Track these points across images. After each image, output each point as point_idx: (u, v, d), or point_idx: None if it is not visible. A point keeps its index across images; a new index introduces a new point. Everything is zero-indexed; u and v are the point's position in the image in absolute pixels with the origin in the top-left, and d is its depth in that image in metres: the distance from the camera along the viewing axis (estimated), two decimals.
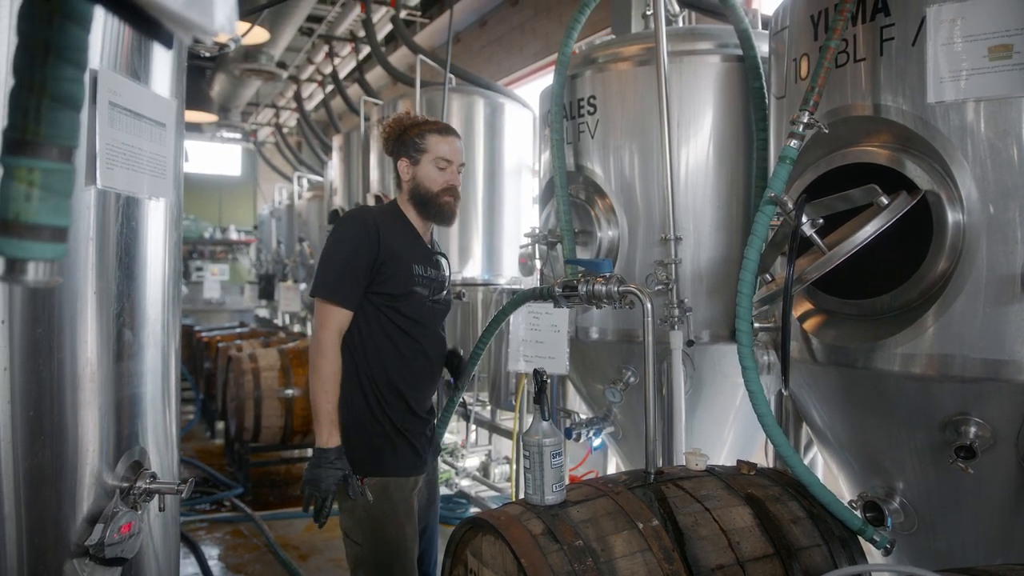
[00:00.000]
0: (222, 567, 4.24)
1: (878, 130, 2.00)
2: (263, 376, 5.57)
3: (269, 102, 12.75)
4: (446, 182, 2.52)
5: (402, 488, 2.43)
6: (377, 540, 2.38)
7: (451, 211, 2.56)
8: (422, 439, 2.54)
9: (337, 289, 2.37)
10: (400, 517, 2.41)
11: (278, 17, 7.03)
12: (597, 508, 1.95)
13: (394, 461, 2.43)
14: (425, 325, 2.52)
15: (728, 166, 2.92)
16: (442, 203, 2.53)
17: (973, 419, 1.85)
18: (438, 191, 2.52)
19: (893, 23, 1.93)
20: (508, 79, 7.82)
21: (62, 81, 0.61)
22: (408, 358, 2.48)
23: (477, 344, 2.92)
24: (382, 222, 2.46)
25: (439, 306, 2.60)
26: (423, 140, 2.51)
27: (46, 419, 1.31)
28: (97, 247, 1.40)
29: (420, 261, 2.51)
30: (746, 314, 2.09)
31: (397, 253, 2.43)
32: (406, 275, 2.44)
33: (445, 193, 2.52)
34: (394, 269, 2.42)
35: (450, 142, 2.55)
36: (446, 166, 2.52)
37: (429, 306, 2.54)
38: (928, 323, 1.88)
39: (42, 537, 1.31)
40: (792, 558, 1.91)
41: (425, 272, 2.52)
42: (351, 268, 2.37)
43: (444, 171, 2.52)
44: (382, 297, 2.42)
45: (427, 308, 2.53)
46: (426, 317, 2.53)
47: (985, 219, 1.81)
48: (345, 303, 2.37)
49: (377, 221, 2.44)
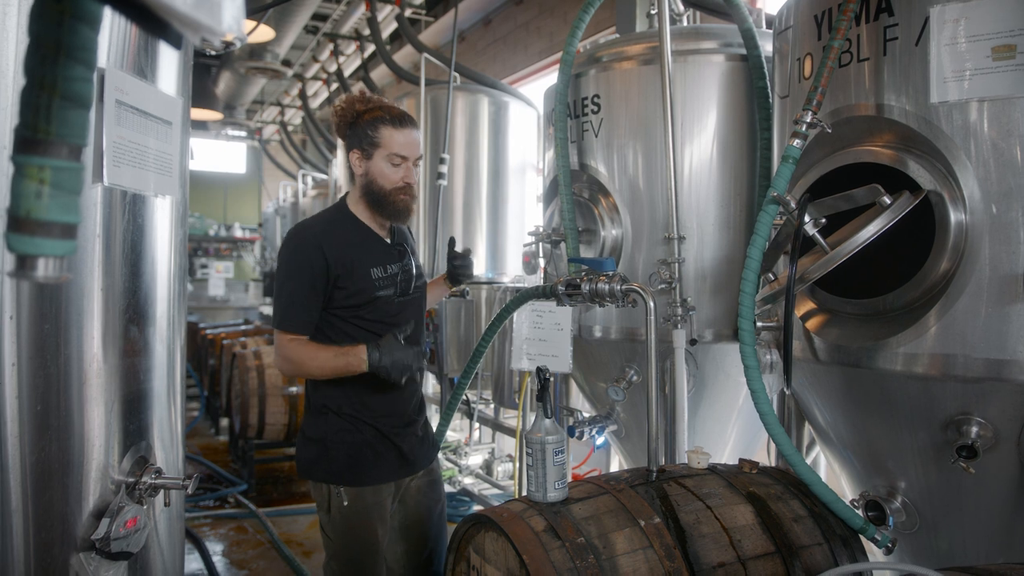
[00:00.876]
0: (226, 563, 4.26)
1: (881, 130, 2.01)
2: (267, 373, 5.59)
3: (274, 100, 12.78)
4: (401, 179, 2.35)
5: (378, 492, 2.39)
6: (349, 538, 2.38)
7: (406, 209, 2.39)
8: (411, 439, 2.46)
9: (286, 318, 2.29)
10: (372, 520, 2.38)
11: (283, 15, 7.05)
12: (599, 505, 1.96)
13: (375, 470, 2.37)
14: (395, 324, 2.38)
15: (731, 165, 2.92)
16: (396, 201, 2.37)
17: (975, 419, 1.86)
18: (391, 189, 2.36)
19: (897, 23, 1.94)
20: (512, 78, 7.83)
21: (72, 80, 0.62)
22: None
23: (480, 342, 2.93)
24: (325, 235, 2.32)
25: (410, 297, 2.48)
26: (376, 132, 2.32)
27: (53, 414, 1.33)
28: (104, 244, 1.41)
29: (378, 262, 2.38)
30: (749, 313, 2.09)
31: (350, 264, 2.30)
32: (365, 283, 2.33)
33: (400, 192, 2.36)
34: (350, 281, 2.31)
35: (406, 134, 2.35)
36: (401, 162, 2.34)
37: (398, 303, 2.43)
38: (930, 323, 1.89)
39: (49, 531, 1.33)
40: (793, 556, 1.92)
41: (386, 272, 2.39)
42: (298, 295, 2.28)
43: (399, 168, 2.35)
44: (344, 310, 2.33)
45: (395, 306, 2.42)
46: (396, 316, 2.41)
47: (988, 219, 1.81)
48: (298, 328, 2.29)
49: (319, 237, 2.31)
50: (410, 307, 2.49)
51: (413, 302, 2.51)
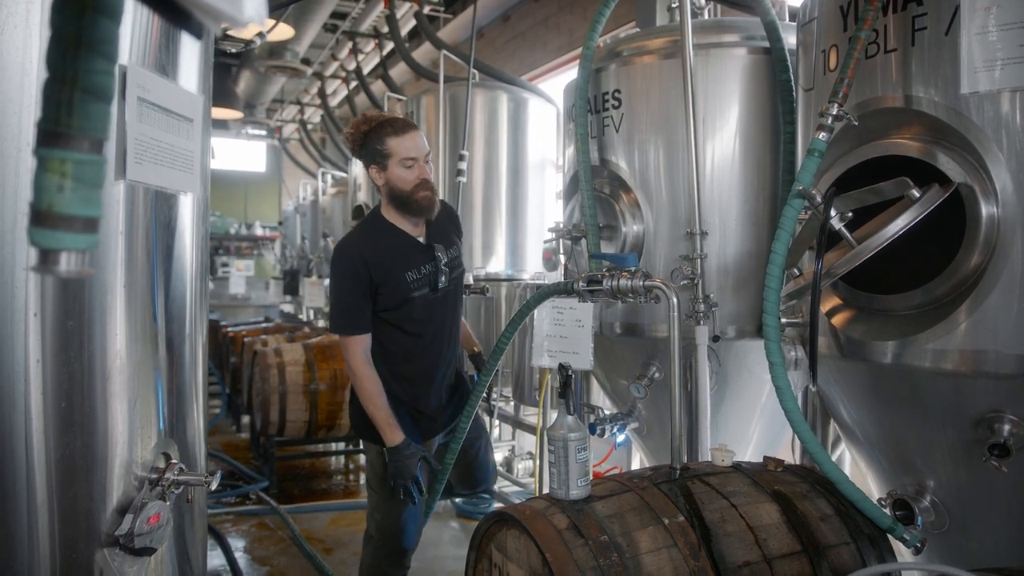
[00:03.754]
0: (248, 559, 4.28)
1: (909, 122, 1.97)
2: (288, 371, 5.62)
3: (294, 99, 12.84)
4: (417, 178, 2.61)
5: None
6: (388, 491, 2.71)
7: (429, 203, 2.66)
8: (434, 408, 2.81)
9: (348, 323, 2.66)
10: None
11: (303, 14, 7.07)
12: (622, 503, 1.94)
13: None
14: (428, 320, 2.72)
15: (755, 159, 2.88)
16: (419, 199, 2.63)
17: (1008, 416, 1.82)
18: (411, 189, 2.62)
19: (925, 12, 1.90)
20: (531, 74, 7.81)
21: (93, 74, 0.62)
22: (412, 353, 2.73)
23: (500, 339, 2.91)
24: (365, 246, 2.64)
25: (443, 291, 2.75)
26: (384, 144, 2.60)
27: (77, 410, 1.33)
28: (127, 241, 1.41)
29: (412, 266, 2.67)
30: (774, 309, 2.06)
31: (388, 273, 2.62)
32: (402, 288, 2.64)
33: (419, 189, 2.62)
34: (389, 288, 2.63)
35: (410, 138, 2.61)
36: (412, 163, 2.60)
37: (433, 299, 2.72)
38: (960, 318, 1.85)
39: (74, 527, 1.33)
40: (820, 556, 1.89)
41: (420, 273, 2.67)
42: (352, 302, 2.63)
43: (412, 168, 2.61)
44: (385, 312, 2.67)
45: (431, 303, 2.71)
46: (431, 311, 2.73)
47: (1020, 212, 1.77)
48: (359, 331, 2.65)
49: (360, 249, 2.63)
50: (443, 302, 2.77)
51: (447, 296, 2.78)
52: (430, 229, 2.76)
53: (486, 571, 2.05)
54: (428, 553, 4.24)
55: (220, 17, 0.55)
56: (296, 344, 6.00)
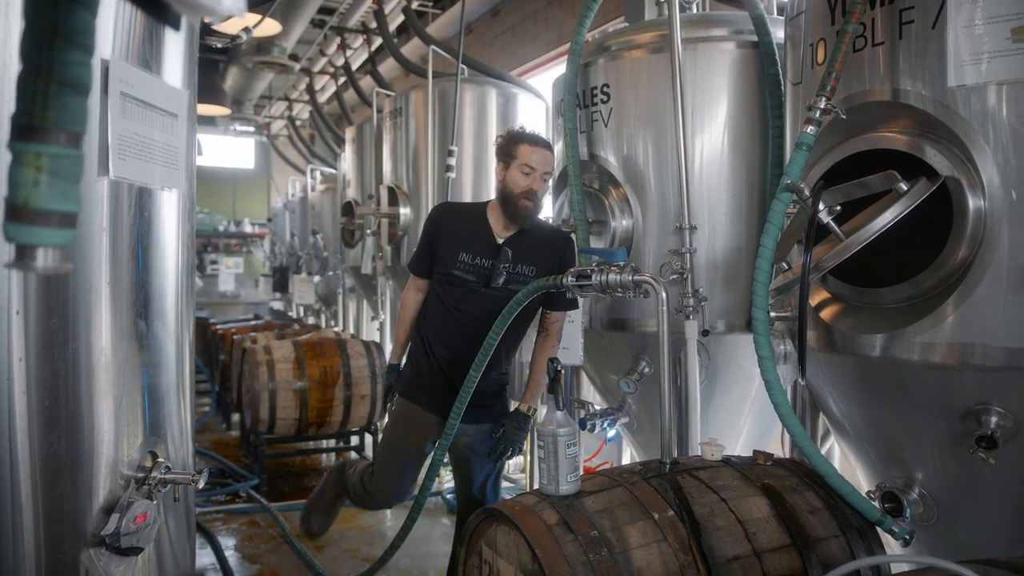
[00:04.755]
0: (238, 557, 4.26)
1: (896, 115, 1.97)
2: (278, 368, 5.59)
3: (282, 95, 12.76)
4: (527, 186, 2.83)
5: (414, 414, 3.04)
6: (388, 436, 3.21)
7: (526, 212, 2.85)
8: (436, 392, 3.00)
9: (412, 261, 3.13)
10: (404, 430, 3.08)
11: (290, 9, 7.02)
12: (612, 498, 1.94)
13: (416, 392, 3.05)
14: (465, 304, 2.93)
15: (743, 154, 2.89)
16: (519, 204, 2.84)
17: (995, 408, 1.83)
18: (518, 193, 2.84)
19: (912, 6, 1.90)
20: (521, 69, 7.79)
21: (69, 65, 0.61)
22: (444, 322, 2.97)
23: (490, 334, 2.90)
24: (447, 210, 3.14)
25: (487, 292, 2.90)
26: (514, 148, 2.87)
27: (62, 409, 1.32)
28: (111, 238, 1.40)
29: (472, 250, 2.91)
30: (762, 303, 2.07)
31: (445, 240, 2.95)
32: (449, 260, 2.92)
33: (524, 196, 2.83)
34: (442, 252, 2.95)
35: (538, 152, 2.84)
36: (530, 172, 2.82)
37: (479, 292, 2.90)
38: (948, 311, 1.86)
39: (59, 526, 1.32)
40: (809, 549, 1.89)
41: (473, 260, 2.90)
42: (420, 245, 3.06)
43: (527, 176, 2.83)
44: (436, 274, 3.00)
45: (471, 292, 2.91)
46: (471, 301, 2.92)
47: (1007, 205, 1.78)
48: (416, 272, 3.09)
49: (441, 210, 3.11)
50: (489, 302, 2.88)
51: (494, 299, 2.87)
52: (520, 238, 2.91)
53: (476, 567, 2.05)
54: (419, 550, 4.23)
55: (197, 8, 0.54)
56: (286, 341, 5.97)
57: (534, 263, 2.91)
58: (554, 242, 2.98)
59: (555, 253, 2.95)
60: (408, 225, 5.21)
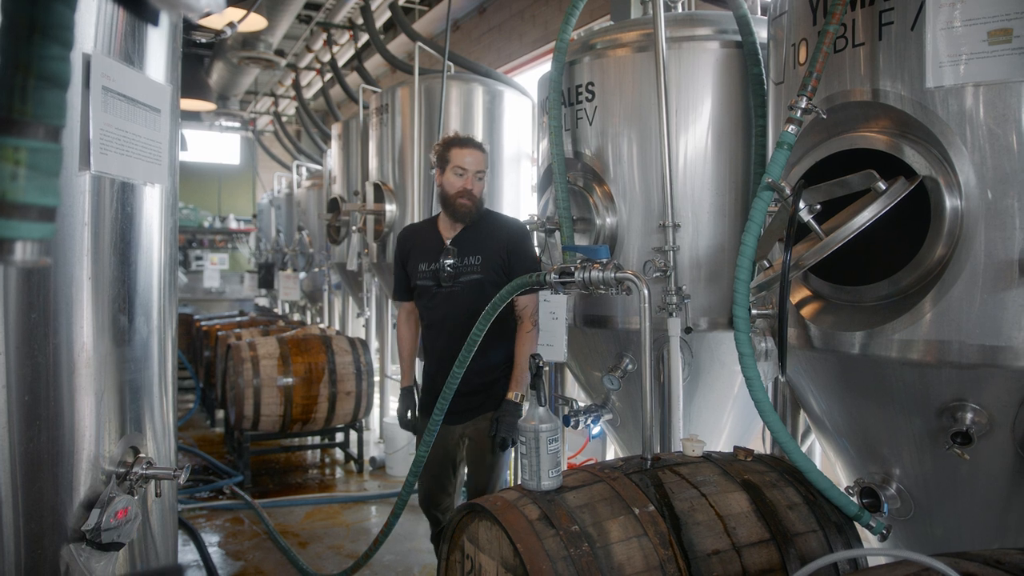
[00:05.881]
0: (222, 554, 4.25)
1: (876, 115, 2.00)
2: (262, 364, 5.57)
3: (268, 90, 12.70)
4: (461, 187, 3.01)
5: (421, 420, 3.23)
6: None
7: (465, 211, 3.03)
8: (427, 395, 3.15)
9: (394, 291, 3.34)
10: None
11: (276, 4, 6.98)
12: (593, 493, 1.96)
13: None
14: (431, 308, 3.11)
15: (727, 152, 2.91)
16: (458, 204, 3.03)
17: (970, 405, 1.85)
18: (454, 193, 3.02)
19: (892, 7, 1.92)
20: (507, 67, 7.79)
21: (48, 60, 0.61)
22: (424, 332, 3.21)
23: (474, 331, 2.91)
24: (408, 230, 3.29)
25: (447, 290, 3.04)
26: (447, 152, 3.06)
27: (42, 404, 1.31)
28: (92, 233, 1.39)
29: (426, 258, 3.11)
30: (743, 300, 2.08)
31: (409, 256, 3.18)
32: (415, 273, 3.14)
33: (460, 196, 3.02)
34: (410, 269, 3.17)
35: (468, 153, 3.04)
36: (463, 173, 3.02)
37: (437, 292, 3.07)
38: (925, 309, 1.88)
39: (39, 522, 1.32)
40: (788, 543, 1.91)
41: (429, 266, 3.10)
42: (395, 275, 3.28)
43: (461, 177, 3.02)
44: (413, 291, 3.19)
45: (434, 295, 3.08)
46: (434, 301, 3.09)
47: (983, 205, 1.80)
48: (399, 298, 3.30)
49: (402, 235, 3.27)
50: (449, 300, 3.05)
51: (452, 295, 3.05)
52: (465, 234, 3.08)
53: (459, 562, 2.05)
54: (403, 546, 4.24)
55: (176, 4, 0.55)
56: (271, 338, 5.95)
57: (480, 252, 3.06)
58: (500, 229, 3.10)
59: (502, 240, 3.07)
60: (394, 222, 5.21)
